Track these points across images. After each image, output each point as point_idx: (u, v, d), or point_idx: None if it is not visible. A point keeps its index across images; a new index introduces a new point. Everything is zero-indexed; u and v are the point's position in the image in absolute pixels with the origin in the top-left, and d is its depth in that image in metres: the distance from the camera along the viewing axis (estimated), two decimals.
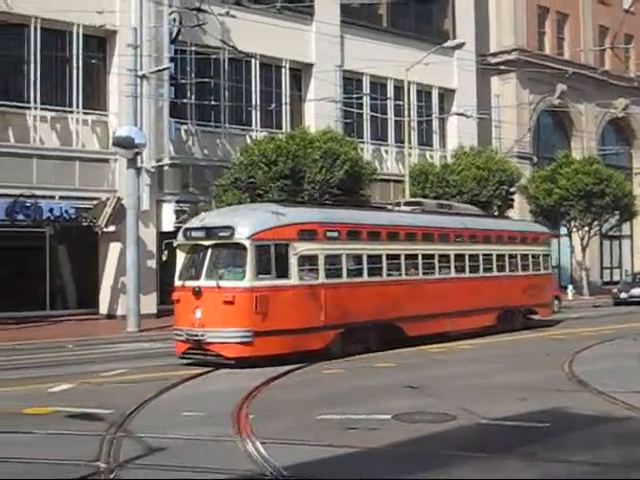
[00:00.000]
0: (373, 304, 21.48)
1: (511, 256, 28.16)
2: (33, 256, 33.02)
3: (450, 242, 25.21)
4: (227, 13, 33.71)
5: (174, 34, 33.31)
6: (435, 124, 46.30)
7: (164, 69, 31.96)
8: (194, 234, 19.93)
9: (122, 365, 19.17)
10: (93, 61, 33.79)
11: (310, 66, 40.00)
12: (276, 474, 9.15)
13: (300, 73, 40.53)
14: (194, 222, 20.89)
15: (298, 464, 9.57)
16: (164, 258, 23.78)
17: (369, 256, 21.67)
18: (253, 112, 38.04)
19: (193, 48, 35.00)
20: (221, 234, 19.18)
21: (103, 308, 33.64)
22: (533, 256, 29.61)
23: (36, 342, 24.69)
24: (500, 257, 27.44)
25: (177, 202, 33.72)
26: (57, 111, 32.26)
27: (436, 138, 46.51)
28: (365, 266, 21.57)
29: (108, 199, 32.24)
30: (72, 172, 32.06)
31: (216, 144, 36.43)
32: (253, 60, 37.40)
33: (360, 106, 41.92)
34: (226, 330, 18.50)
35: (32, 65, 31.46)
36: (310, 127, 36.52)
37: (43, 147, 31.70)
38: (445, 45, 40.19)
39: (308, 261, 19.96)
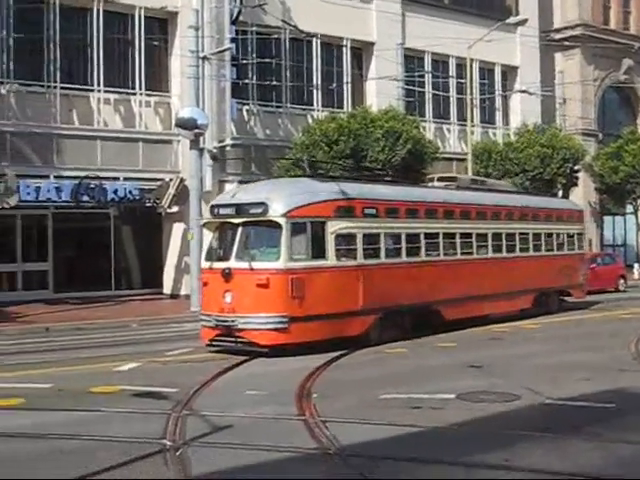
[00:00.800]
0: (412, 286, 20.25)
1: (547, 234, 26.94)
2: (98, 237, 33.48)
3: (488, 220, 23.84)
4: None
5: (235, 15, 33.32)
6: (498, 102, 45.86)
7: (225, 50, 32.01)
8: (223, 211, 18.53)
9: (186, 344, 19.31)
10: (155, 43, 34.04)
11: (371, 45, 39.79)
12: (340, 452, 9.18)
13: (361, 52, 40.36)
14: (223, 198, 19.84)
15: (361, 443, 9.60)
16: (189, 238, 23.83)
17: (407, 235, 20.37)
18: (314, 92, 37.97)
19: (254, 28, 35.04)
20: (253, 211, 17.71)
21: (167, 288, 33.99)
22: (568, 235, 28.36)
23: (102, 322, 25.04)
24: (536, 236, 26.25)
25: (239, 182, 33.84)
26: (120, 93, 32.56)
27: (499, 116, 46.07)
28: (404, 246, 20.27)
29: (171, 180, 32.53)
30: (135, 153, 32.38)
31: (278, 124, 36.46)
32: (314, 39, 37.27)
33: (422, 84, 41.64)
34: (259, 316, 17.11)
35: (95, 48, 31.78)
36: (372, 106, 36.37)
37: (107, 129, 32.06)
38: (508, 21, 39.61)
39: (345, 240, 18.57)
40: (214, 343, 18.00)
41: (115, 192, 30.80)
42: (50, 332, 23.35)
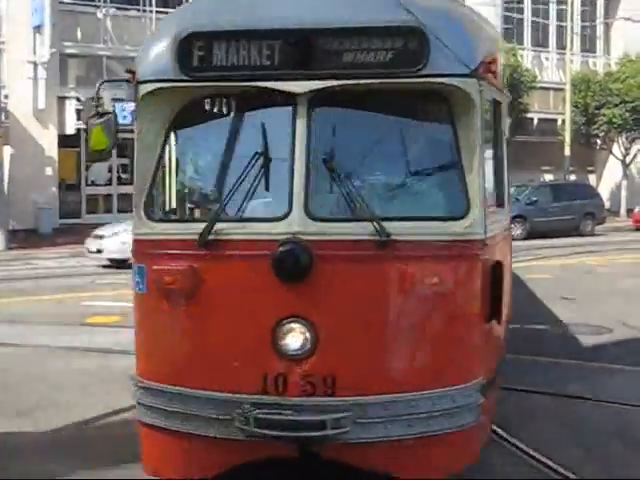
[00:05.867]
0: None
1: None
2: None
3: None
4: None
5: None
6: (599, 30, 44.60)
7: None
8: (235, 58, 5.49)
9: None
10: None
11: None
12: None
13: None
14: (236, 14, 5.63)
15: None
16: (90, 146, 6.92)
17: None
18: None
19: None
20: (366, 58, 5.33)
21: None
22: None
23: None
24: None
25: None
26: None
27: (600, 44, 44.84)
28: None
29: None
30: None
31: None
32: None
33: (520, 10, 40.72)
34: (430, 395, 5.31)
35: None
36: None
37: None
38: None
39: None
40: None
41: None
42: None
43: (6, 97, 28.11)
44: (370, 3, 5.57)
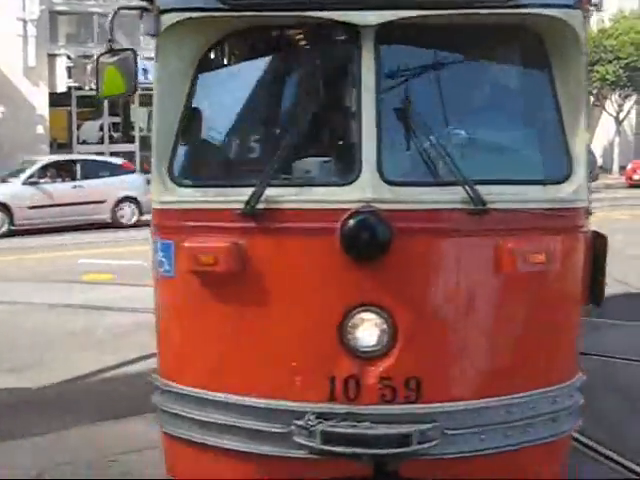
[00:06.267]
0: None
1: None
2: None
3: None
4: None
5: None
6: None
7: None
8: None
9: None
10: None
11: None
12: None
13: None
14: None
15: None
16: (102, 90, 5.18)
17: None
18: None
19: None
20: None
21: None
22: None
23: None
24: None
25: None
26: None
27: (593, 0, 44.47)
28: None
29: None
30: None
31: None
32: None
33: None
34: (530, 398, 4.40)
35: None
36: None
37: None
38: None
39: None
40: None
41: None
42: None
43: None
44: None
